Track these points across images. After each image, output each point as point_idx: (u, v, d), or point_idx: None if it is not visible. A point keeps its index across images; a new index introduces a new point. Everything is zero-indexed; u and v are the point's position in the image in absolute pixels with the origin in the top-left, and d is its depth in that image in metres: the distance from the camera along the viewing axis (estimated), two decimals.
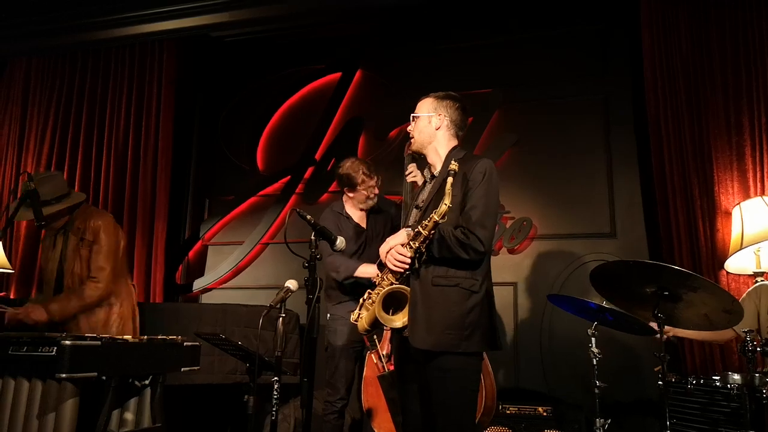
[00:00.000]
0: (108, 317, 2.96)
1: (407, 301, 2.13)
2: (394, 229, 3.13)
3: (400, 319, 2.15)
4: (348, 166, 3.20)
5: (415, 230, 2.10)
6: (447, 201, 2.00)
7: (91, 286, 2.89)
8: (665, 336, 2.39)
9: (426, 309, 2.10)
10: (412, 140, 2.39)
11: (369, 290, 2.28)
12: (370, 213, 3.31)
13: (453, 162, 2.08)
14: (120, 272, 3.05)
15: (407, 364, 2.25)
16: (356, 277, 3.03)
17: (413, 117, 2.38)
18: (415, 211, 2.35)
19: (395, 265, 2.12)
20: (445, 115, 2.32)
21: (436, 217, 2.03)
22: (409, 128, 2.40)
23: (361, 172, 3.16)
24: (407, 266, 2.12)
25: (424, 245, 2.10)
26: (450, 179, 2.02)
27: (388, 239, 2.21)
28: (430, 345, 2.09)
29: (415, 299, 2.12)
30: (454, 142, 2.35)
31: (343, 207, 3.30)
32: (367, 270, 2.97)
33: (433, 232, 2.07)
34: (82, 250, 2.92)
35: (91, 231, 2.93)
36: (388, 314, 2.16)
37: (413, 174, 2.91)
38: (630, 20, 3.84)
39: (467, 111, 2.39)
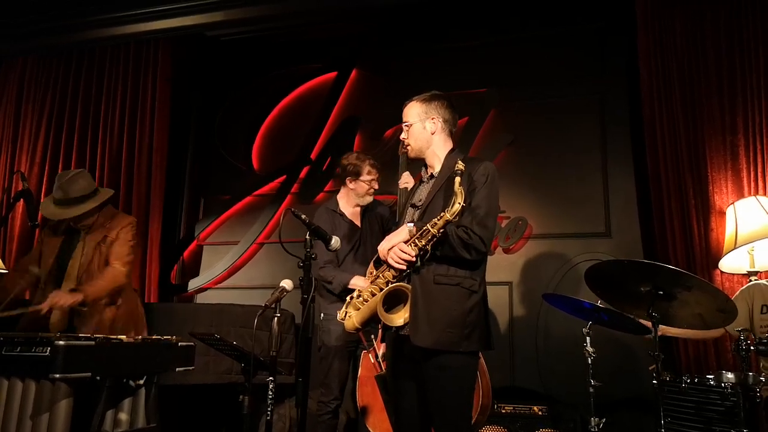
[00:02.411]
0: (114, 317, 3.00)
1: (407, 299, 2.12)
2: (387, 230, 3.13)
3: (401, 317, 2.12)
4: (354, 156, 3.25)
5: (422, 228, 2.08)
6: (460, 200, 1.99)
7: (115, 268, 2.92)
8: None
9: (427, 307, 2.10)
10: (408, 148, 2.36)
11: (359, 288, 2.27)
12: (365, 212, 3.31)
13: (459, 162, 2.06)
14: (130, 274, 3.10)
15: (401, 363, 2.25)
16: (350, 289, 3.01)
17: (405, 125, 2.35)
18: (411, 209, 2.34)
19: (397, 263, 2.12)
20: (437, 117, 2.31)
21: (448, 216, 2.01)
22: (402, 136, 2.37)
23: (367, 162, 3.21)
24: (410, 264, 2.11)
25: (431, 244, 2.09)
26: (458, 179, 2.01)
27: (389, 236, 2.20)
28: (431, 343, 2.09)
29: (415, 297, 2.11)
30: (450, 141, 2.35)
31: (338, 205, 3.29)
32: (358, 283, 2.94)
33: (442, 231, 2.06)
34: (103, 246, 2.97)
35: (115, 231, 3.01)
36: (387, 312, 2.14)
37: (405, 182, 2.90)
38: (627, 20, 3.83)
39: (454, 106, 2.38)
